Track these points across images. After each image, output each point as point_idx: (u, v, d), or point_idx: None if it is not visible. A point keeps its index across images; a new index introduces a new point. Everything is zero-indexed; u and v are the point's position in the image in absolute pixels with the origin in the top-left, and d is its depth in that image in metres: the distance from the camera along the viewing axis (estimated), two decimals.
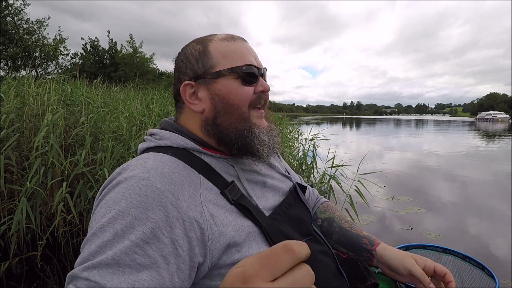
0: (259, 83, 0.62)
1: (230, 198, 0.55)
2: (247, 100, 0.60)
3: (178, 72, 0.64)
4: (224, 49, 0.60)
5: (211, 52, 0.60)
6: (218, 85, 0.59)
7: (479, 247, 3.03)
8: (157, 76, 19.31)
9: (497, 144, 13.30)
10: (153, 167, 0.50)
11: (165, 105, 5.00)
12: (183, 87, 0.61)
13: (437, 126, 34.30)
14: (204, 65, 0.60)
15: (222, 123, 0.59)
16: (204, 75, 0.60)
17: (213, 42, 0.61)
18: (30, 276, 2.24)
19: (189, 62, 0.61)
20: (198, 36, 0.67)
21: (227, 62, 0.59)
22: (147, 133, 0.66)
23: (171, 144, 0.59)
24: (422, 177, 6.32)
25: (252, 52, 0.63)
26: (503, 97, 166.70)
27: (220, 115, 0.59)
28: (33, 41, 13.34)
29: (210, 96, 0.60)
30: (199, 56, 0.60)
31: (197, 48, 0.61)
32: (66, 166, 2.47)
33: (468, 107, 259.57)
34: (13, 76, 6.83)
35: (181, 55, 0.64)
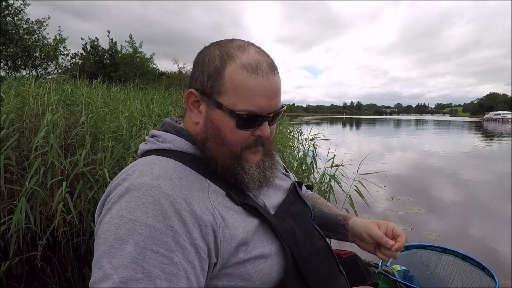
0: (260, 128, 0.56)
1: (236, 200, 0.55)
2: (241, 142, 0.56)
3: (192, 70, 0.60)
4: (238, 81, 0.53)
5: (225, 78, 0.53)
6: (215, 115, 0.55)
7: (479, 247, 3.03)
8: (157, 76, 19.31)
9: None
10: (161, 174, 0.49)
11: (165, 105, 4.99)
12: (189, 93, 0.58)
13: (443, 127, 34.27)
14: (212, 87, 0.55)
15: (211, 149, 0.57)
16: (208, 96, 0.56)
17: (233, 66, 0.53)
18: (30, 276, 2.24)
19: (201, 73, 0.56)
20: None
21: (233, 98, 0.53)
22: (148, 133, 0.65)
23: (174, 147, 0.58)
24: (422, 177, 6.32)
25: (272, 90, 0.55)
26: (503, 97, 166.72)
27: (210, 141, 0.56)
28: (33, 41, 13.34)
29: (206, 118, 0.57)
30: (211, 74, 0.55)
31: (215, 64, 0.54)
32: (66, 166, 2.47)
33: (468, 107, 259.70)
34: (14, 76, 6.84)
35: (200, 59, 0.58)
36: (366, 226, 0.72)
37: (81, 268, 2.39)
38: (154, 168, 0.51)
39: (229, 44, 0.57)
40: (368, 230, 0.70)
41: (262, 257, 0.54)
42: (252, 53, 0.55)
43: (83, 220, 2.66)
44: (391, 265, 1.45)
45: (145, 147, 0.61)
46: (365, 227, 0.71)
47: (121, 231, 0.43)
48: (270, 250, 0.56)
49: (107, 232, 0.44)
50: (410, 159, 8.67)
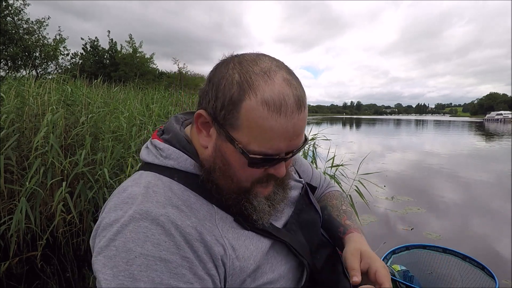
0: (275, 167, 0.50)
1: (245, 225, 0.52)
2: (251, 178, 0.51)
3: (206, 87, 0.51)
4: (256, 121, 0.44)
5: (241, 113, 0.45)
6: (226, 148, 0.49)
7: (479, 247, 3.03)
8: (157, 76, 19.31)
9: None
10: (166, 201, 0.46)
11: (165, 105, 4.99)
12: (199, 114, 0.51)
13: (443, 127, 34.27)
14: (226, 118, 0.47)
15: (218, 181, 0.51)
16: (220, 126, 0.48)
17: (252, 100, 0.44)
18: (30, 276, 2.24)
19: (215, 98, 0.48)
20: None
21: (248, 136, 0.46)
22: (151, 141, 0.58)
23: (178, 167, 0.52)
24: (422, 177, 6.32)
25: (295, 130, 0.47)
26: (503, 97, 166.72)
27: (217, 172, 0.51)
28: (33, 41, 13.34)
29: (215, 148, 0.50)
30: (226, 104, 0.46)
31: (232, 92, 0.46)
32: (66, 166, 2.47)
33: (468, 107, 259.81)
34: (14, 76, 6.84)
35: (216, 78, 0.49)
36: (350, 250, 0.62)
37: (81, 268, 2.39)
38: (158, 194, 0.47)
39: (252, 67, 0.47)
40: (346, 257, 0.61)
41: (270, 283, 0.52)
42: (278, 84, 0.45)
43: (83, 220, 2.66)
44: (391, 265, 1.45)
45: (147, 158, 0.56)
46: (348, 251, 0.62)
47: (132, 268, 0.39)
48: (279, 273, 0.53)
49: (115, 268, 0.40)
50: (410, 159, 8.67)
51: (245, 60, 0.48)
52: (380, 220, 3.65)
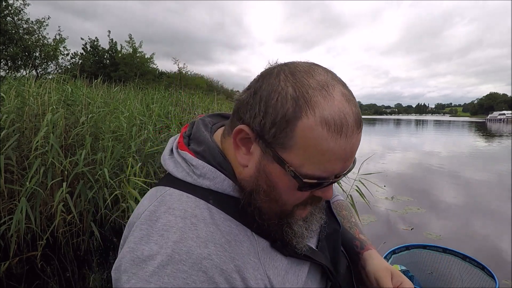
0: (323, 190, 0.46)
1: (283, 251, 0.49)
2: (296, 201, 0.47)
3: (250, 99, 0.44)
4: (314, 142, 0.40)
5: (296, 132, 0.40)
6: (273, 169, 0.44)
7: (479, 247, 3.03)
8: (157, 76, 19.32)
9: None
10: (208, 237, 0.41)
11: (165, 105, 5.00)
12: (239, 129, 0.44)
13: (444, 128, 34.28)
14: (276, 137, 0.41)
15: (261, 205, 0.46)
16: (268, 145, 0.43)
17: (310, 119, 0.40)
18: (30, 276, 2.24)
19: (264, 114, 0.42)
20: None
21: (301, 158, 0.41)
22: (179, 152, 0.50)
23: (214, 188, 0.47)
24: (422, 177, 6.32)
25: (352, 151, 0.43)
26: (503, 97, 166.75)
27: (259, 194, 0.46)
28: (33, 41, 13.34)
29: (259, 168, 0.45)
30: (278, 122, 0.41)
31: (286, 109, 0.40)
32: (66, 166, 2.47)
33: (468, 107, 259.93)
34: (14, 76, 6.84)
35: (265, 91, 0.42)
36: (378, 270, 0.62)
37: (81, 268, 2.39)
38: (199, 228, 0.41)
39: (308, 80, 0.41)
40: (378, 276, 0.61)
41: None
42: (338, 100, 0.41)
43: (83, 220, 2.66)
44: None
45: (176, 173, 0.49)
46: (377, 270, 0.62)
47: None
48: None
49: None
50: (410, 159, 8.68)
51: (297, 71, 0.43)
52: (380, 220, 3.66)
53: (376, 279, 0.61)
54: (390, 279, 0.60)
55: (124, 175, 2.56)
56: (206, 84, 22.06)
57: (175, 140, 0.54)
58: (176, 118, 4.43)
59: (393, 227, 3.48)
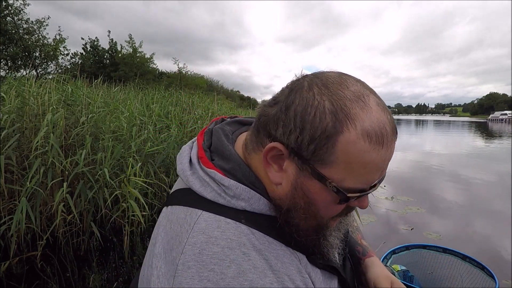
0: (359, 200, 0.45)
1: (318, 263, 0.48)
2: (333, 214, 0.47)
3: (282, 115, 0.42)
4: (356, 156, 0.39)
5: (337, 147, 0.39)
6: (311, 185, 0.42)
7: (479, 247, 3.03)
8: (157, 76, 19.32)
9: None
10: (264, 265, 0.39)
11: (165, 105, 5.00)
12: (272, 147, 0.42)
13: (445, 128, 34.27)
14: (315, 153, 0.40)
15: (295, 221, 0.45)
16: (305, 161, 0.41)
17: (352, 133, 0.38)
18: (30, 276, 2.24)
19: (300, 129, 0.40)
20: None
21: (343, 173, 0.40)
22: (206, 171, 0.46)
23: (250, 209, 0.44)
24: (422, 177, 6.32)
25: (390, 159, 0.43)
26: (503, 97, 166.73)
27: (297, 211, 0.44)
28: (33, 41, 13.33)
29: (295, 185, 0.43)
30: (318, 138, 0.39)
31: (325, 125, 0.39)
32: (66, 166, 2.47)
33: (468, 107, 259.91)
34: (14, 76, 6.84)
35: (299, 106, 0.40)
36: (378, 277, 0.63)
37: (81, 268, 2.39)
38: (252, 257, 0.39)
39: (343, 91, 0.40)
40: (378, 283, 0.62)
41: None
42: (375, 110, 0.40)
43: (83, 220, 2.67)
44: (391, 265, 1.45)
45: (205, 193, 0.45)
46: (377, 277, 0.63)
47: None
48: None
49: None
50: (410, 159, 8.68)
51: (330, 82, 0.41)
52: (380, 220, 3.66)
53: (375, 285, 0.62)
54: (390, 287, 0.62)
55: (124, 175, 2.56)
56: (206, 84, 22.08)
57: (192, 151, 0.51)
58: (176, 118, 4.43)
59: (393, 227, 3.48)
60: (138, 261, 2.55)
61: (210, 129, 0.53)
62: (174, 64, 23.00)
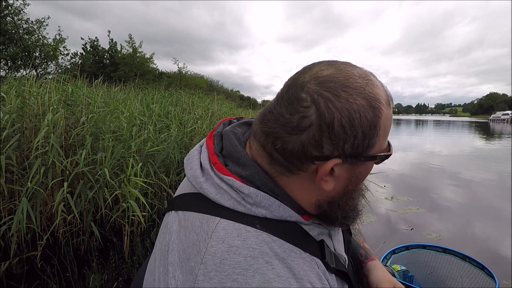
0: None
1: (331, 267, 0.48)
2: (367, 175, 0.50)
3: (324, 135, 0.41)
4: (387, 125, 0.45)
5: (381, 128, 0.43)
6: (362, 168, 0.46)
7: (479, 247, 3.03)
8: (157, 76, 19.33)
9: None
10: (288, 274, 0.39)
11: (165, 105, 5.00)
12: (331, 166, 0.42)
13: (446, 129, 34.26)
14: (369, 144, 0.43)
15: (345, 205, 0.48)
16: (358, 156, 0.43)
17: (384, 110, 0.43)
18: (30, 276, 2.24)
19: (354, 136, 0.41)
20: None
21: (382, 142, 0.45)
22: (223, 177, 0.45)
23: (271, 216, 0.43)
24: (422, 177, 6.32)
25: None
26: (503, 97, 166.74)
27: (346, 196, 0.47)
28: (33, 41, 13.34)
29: (349, 177, 0.46)
30: (368, 131, 0.42)
31: (369, 116, 0.42)
32: (67, 166, 2.47)
33: (468, 107, 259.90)
34: (14, 76, 6.84)
35: (344, 116, 0.40)
36: (381, 280, 0.65)
37: (81, 268, 2.39)
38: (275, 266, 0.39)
39: (357, 82, 0.42)
40: (381, 286, 0.65)
41: None
42: (377, 81, 0.45)
43: (83, 220, 2.67)
44: (391, 265, 1.45)
45: (222, 201, 0.44)
46: (379, 281, 0.65)
47: None
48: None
49: None
50: (410, 159, 8.68)
51: (346, 84, 0.42)
52: (380, 220, 3.66)
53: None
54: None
55: (124, 175, 2.56)
56: (206, 84, 22.08)
57: (202, 155, 0.49)
58: (176, 118, 4.44)
59: (393, 227, 3.49)
60: (138, 261, 2.55)
61: (219, 132, 0.52)
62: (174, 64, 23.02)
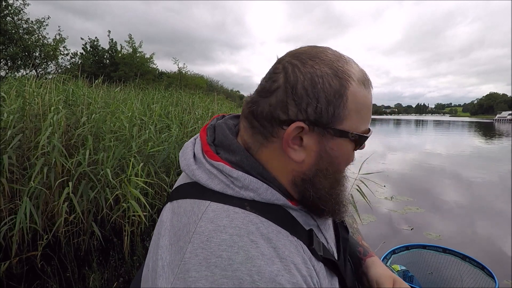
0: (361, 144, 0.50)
1: (318, 254, 0.48)
2: (349, 164, 0.50)
3: (289, 96, 0.44)
4: (360, 102, 0.46)
5: (349, 99, 0.44)
6: (334, 144, 0.46)
7: (479, 247, 3.04)
8: (157, 76, 19.33)
9: None
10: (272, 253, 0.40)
11: (166, 105, 5.00)
12: (296, 128, 0.44)
13: (447, 129, 34.22)
14: (334, 113, 0.44)
15: (318, 185, 0.48)
16: (325, 126, 0.44)
17: (353, 84, 0.45)
18: (31, 276, 2.24)
19: (316, 99, 0.43)
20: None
21: (357, 120, 0.46)
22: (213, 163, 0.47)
23: (259, 198, 0.45)
24: (422, 177, 6.32)
25: None
26: (503, 97, 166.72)
27: (319, 175, 0.47)
28: (33, 41, 13.33)
29: (318, 151, 0.46)
30: (333, 99, 0.43)
31: (334, 85, 0.44)
32: (71, 166, 2.47)
33: (468, 107, 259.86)
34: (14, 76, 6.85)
35: (307, 79, 0.44)
36: (380, 276, 0.64)
37: (82, 267, 2.39)
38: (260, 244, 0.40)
39: (327, 56, 0.46)
40: (381, 282, 0.63)
41: None
42: (353, 63, 0.48)
43: (83, 220, 2.67)
44: (391, 265, 1.45)
45: (212, 185, 0.45)
46: (379, 277, 0.64)
47: None
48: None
49: None
50: (409, 159, 8.68)
51: (315, 55, 0.46)
52: (380, 220, 3.66)
53: (378, 284, 0.63)
54: (392, 286, 0.63)
55: (125, 175, 2.56)
56: (206, 84, 22.08)
57: (196, 147, 0.51)
58: (176, 118, 4.44)
59: (393, 227, 3.49)
60: (138, 261, 2.55)
61: (213, 124, 0.55)
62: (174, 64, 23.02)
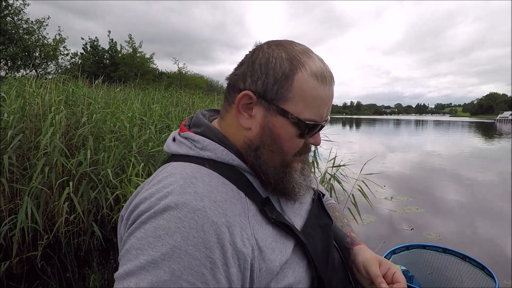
0: (314, 136, 0.57)
1: (270, 217, 0.52)
2: (295, 150, 0.55)
3: (249, 69, 0.53)
4: (308, 91, 0.51)
5: (294, 84, 0.51)
6: (276, 122, 0.52)
7: (479, 247, 3.04)
8: (157, 76, 19.33)
9: None
10: (205, 194, 0.45)
11: (166, 105, 5.00)
12: (243, 95, 0.52)
13: (449, 129, 34.21)
14: (278, 92, 0.51)
15: (262, 157, 0.54)
16: (271, 101, 0.51)
17: (304, 73, 0.51)
18: (31, 276, 2.24)
19: (265, 75, 0.51)
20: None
21: (300, 106, 0.51)
22: (181, 134, 0.58)
23: (215, 157, 0.53)
24: (422, 177, 6.33)
25: (330, 99, 0.55)
26: (503, 97, 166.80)
27: (263, 148, 0.54)
28: (33, 41, 13.33)
29: (263, 124, 0.53)
30: (279, 79, 0.51)
31: (284, 68, 0.51)
32: (72, 166, 2.47)
33: (468, 107, 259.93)
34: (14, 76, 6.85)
35: (263, 59, 0.52)
36: (367, 260, 0.66)
37: (82, 268, 2.40)
38: (197, 186, 0.46)
39: (293, 47, 0.53)
40: (367, 265, 0.65)
41: (290, 286, 0.51)
42: (318, 60, 0.54)
43: (84, 220, 2.67)
44: None
45: (179, 149, 0.55)
46: (365, 261, 0.66)
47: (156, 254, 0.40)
48: (298, 277, 0.53)
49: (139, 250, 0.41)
50: (409, 160, 8.68)
51: (283, 43, 0.55)
52: (380, 220, 3.66)
53: (365, 267, 0.65)
54: (378, 267, 0.64)
55: (125, 175, 2.57)
56: (206, 84, 22.07)
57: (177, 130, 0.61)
58: (177, 118, 4.44)
59: (393, 227, 3.49)
60: None
61: (193, 116, 0.64)
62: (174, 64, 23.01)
